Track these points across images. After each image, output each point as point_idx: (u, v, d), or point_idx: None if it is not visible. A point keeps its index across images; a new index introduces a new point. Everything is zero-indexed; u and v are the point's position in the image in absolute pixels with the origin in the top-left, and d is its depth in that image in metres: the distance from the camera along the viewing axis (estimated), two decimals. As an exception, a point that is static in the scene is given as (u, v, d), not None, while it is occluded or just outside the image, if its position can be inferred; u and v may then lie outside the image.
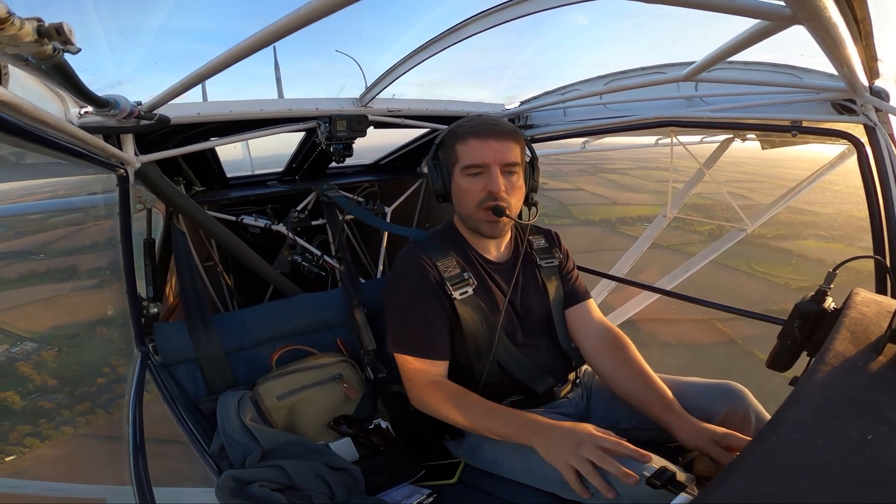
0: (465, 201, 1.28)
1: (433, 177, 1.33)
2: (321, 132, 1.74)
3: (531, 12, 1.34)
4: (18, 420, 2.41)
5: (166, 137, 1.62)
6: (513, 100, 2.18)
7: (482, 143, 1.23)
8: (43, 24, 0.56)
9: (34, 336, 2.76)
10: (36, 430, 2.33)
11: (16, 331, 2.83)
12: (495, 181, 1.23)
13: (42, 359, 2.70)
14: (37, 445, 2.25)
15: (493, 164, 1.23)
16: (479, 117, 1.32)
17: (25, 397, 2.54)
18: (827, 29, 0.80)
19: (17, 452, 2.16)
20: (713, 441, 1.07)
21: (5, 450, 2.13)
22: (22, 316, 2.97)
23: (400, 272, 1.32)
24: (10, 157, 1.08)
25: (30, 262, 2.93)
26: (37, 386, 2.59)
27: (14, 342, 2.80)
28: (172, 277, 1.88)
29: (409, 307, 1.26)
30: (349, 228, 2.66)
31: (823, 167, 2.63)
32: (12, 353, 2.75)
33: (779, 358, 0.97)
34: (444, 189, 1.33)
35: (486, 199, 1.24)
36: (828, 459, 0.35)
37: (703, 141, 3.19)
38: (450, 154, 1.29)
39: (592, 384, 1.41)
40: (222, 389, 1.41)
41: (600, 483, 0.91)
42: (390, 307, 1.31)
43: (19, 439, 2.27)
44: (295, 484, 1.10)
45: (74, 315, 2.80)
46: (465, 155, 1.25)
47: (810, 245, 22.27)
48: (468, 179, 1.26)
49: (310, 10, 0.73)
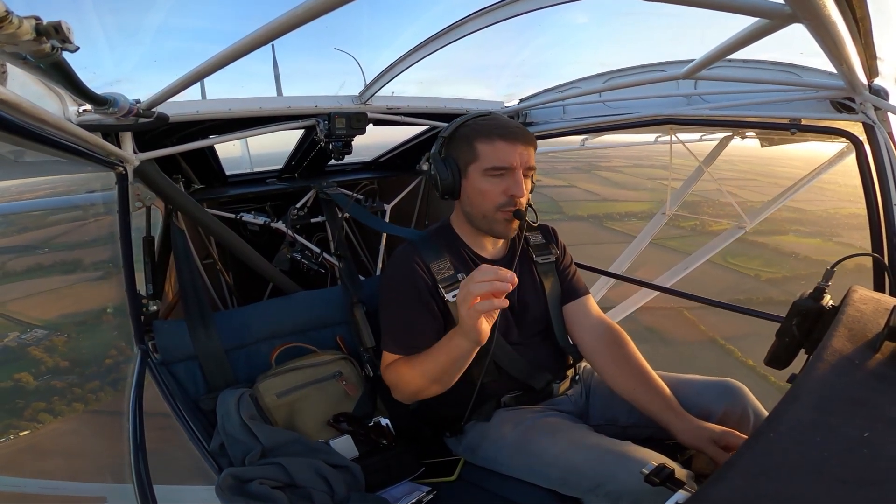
0: (481, 202, 1.24)
1: (442, 172, 1.27)
2: (320, 130, 1.74)
3: (530, 10, 1.33)
4: (18, 418, 2.41)
5: (165, 135, 1.61)
6: (512, 97, 2.18)
7: (510, 145, 1.21)
8: (41, 22, 0.56)
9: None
10: (35, 434, 2.33)
11: (17, 322, 2.83)
12: (520, 186, 1.21)
13: (41, 359, 2.70)
14: (37, 444, 2.25)
15: (518, 168, 1.22)
16: (495, 117, 1.28)
17: (26, 397, 2.54)
18: (826, 27, 0.80)
19: (18, 452, 2.17)
20: (711, 440, 1.08)
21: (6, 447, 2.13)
22: (22, 313, 2.97)
23: (390, 272, 1.33)
24: (9, 156, 1.08)
25: (27, 260, 2.92)
26: (36, 387, 2.59)
27: (23, 331, 2.81)
28: (172, 275, 1.88)
29: (393, 306, 1.28)
30: (348, 226, 2.66)
31: (822, 165, 2.63)
32: (22, 339, 2.75)
33: (777, 355, 0.97)
34: (454, 185, 1.27)
35: (507, 203, 1.22)
36: (825, 457, 0.35)
37: (702, 139, 3.19)
38: (467, 152, 1.24)
39: (591, 381, 1.41)
40: (222, 387, 1.41)
41: (489, 288, 0.94)
42: (380, 305, 1.34)
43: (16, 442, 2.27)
44: (295, 481, 1.11)
45: (73, 314, 2.80)
46: (489, 156, 1.21)
47: (789, 240, 22.80)
48: (489, 180, 1.22)
49: (308, 7, 0.73)
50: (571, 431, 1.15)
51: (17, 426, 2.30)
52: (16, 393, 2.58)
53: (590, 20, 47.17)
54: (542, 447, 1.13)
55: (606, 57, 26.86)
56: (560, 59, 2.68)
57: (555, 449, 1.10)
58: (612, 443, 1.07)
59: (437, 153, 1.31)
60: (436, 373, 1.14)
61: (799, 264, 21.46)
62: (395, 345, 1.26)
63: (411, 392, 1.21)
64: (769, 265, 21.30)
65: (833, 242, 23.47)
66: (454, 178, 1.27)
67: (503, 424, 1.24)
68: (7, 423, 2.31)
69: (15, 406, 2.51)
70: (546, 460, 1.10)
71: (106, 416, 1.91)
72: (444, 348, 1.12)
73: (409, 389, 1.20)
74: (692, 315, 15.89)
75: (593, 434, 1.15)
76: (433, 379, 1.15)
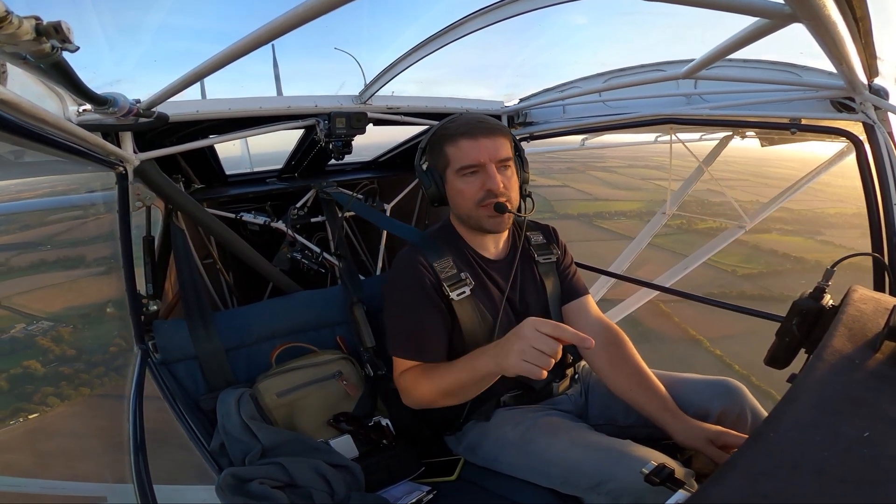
0: (462, 202, 1.26)
1: (425, 182, 1.31)
2: (320, 129, 1.73)
3: (530, 10, 1.33)
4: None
5: (165, 135, 1.61)
6: (512, 97, 2.18)
7: (474, 142, 1.21)
8: (41, 22, 0.56)
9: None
10: (37, 431, 2.33)
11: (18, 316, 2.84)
12: (493, 179, 1.21)
13: (41, 359, 2.71)
14: (38, 442, 2.25)
15: (487, 163, 1.21)
16: (461, 116, 1.29)
17: (28, 398, 2.55)
18: (826, 27, 0.80)
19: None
20: (708, 440, 1.08)
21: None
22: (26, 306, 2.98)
23: (395, 276, 1.32)
24: (9, 156, 1.08)
25: (26, 260, 2.93)
26: (35, 384, 2.59)
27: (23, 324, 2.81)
28: (172, 275, 1.88)
29: (402, 310, 1.26)
30: (348, 225, 2.66)
31: (822, 165, 2.63)
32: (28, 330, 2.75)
33: (777, 355, 0.97)
34: (439, 193, 1.30)
35: (486, 197, 1.22)
36: (825, 457, 0.35)
37: (702, 138, 3.19)
38: (439, 157, 1.26)
39: (590, 381, 1.41)
40: (222, 387, 1.41)
41: (544, 361, 0.88)
42: (386, 310, 1.32)
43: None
44: (295, 481, 1.11)
45: (73, 314, 2.80)
46: (457, 156, 1.23)
47: (771, 238, 23.20)
48: (464, 180, 1.24)
49: (308, 7, 0.73)
50: (571, 431, 1.15)
51: (23, 414, 2.31)
52: (25, 379, 2.58)
53: (590, 20, 46.62)
54: (542, 446, 1.13)
55: (606, 57, 26.72)
56: (560, 59, 2.69)
57: (555, 448, 1.10)
58: (612, 441, 1.07)
59: (419, 164, 1.33)
60: (454, 388, 1.12)
61: (777, 261, 21.83)
62: (408, 351, 1.23)
63: (424, 402, 1.19)
64: (747, 261, 21.58)
65: (815, 241, 23.88)
66: (437, 185, 1.29)
67: (503, 424, 1.24)
68: (13, 410, 2.31)
69: (24, 391, 2.52)
70: (546, 459, 1.10)
71: (106, 416, 1.91)
72: (467, 367, 1.09)
73: (423, 399, 1.18)
74: (668, 308, 16.15)
75: (593, 433, 1.15)
76: (449, 393, 1.13)
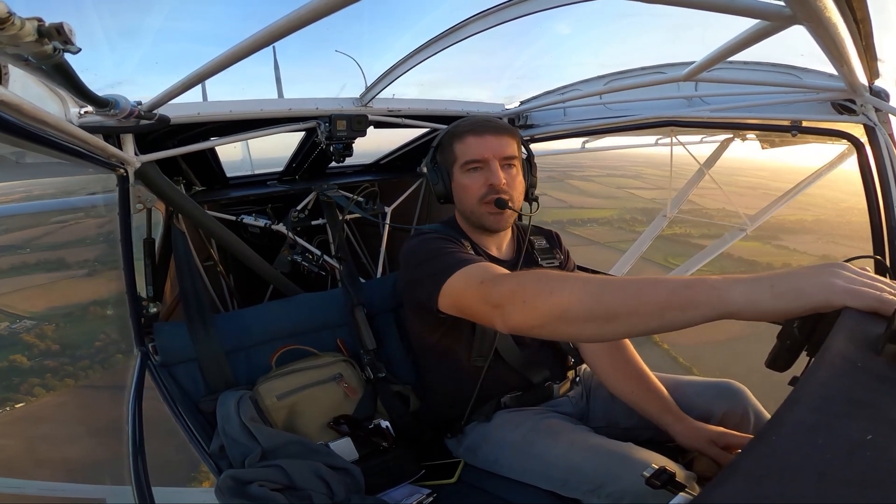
0: (466, 198, 1.29)
1: (433, 179, 1.35)
2: (321, 132, 1.74)
3: (531, 12, 1.34)
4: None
5: (166, 137, 1.62)
6: (512, 100, 2.18)
7: (480, 138, 1.25)
8: (43, 23, 0.56)
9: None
10: (34, 434, 2.33)
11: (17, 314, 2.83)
12: (496, 174, 1.24)
13: (41, 360, 2.70)
14: (37, 448, 2.25)
15: (492, 159, 1.25)
16: (470, 117, 1.35)
17: (25, 398, 2.54)
18: (827, 29, 0.80)
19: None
20: (710, 441, 1.08)
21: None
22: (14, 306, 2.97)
23: (417, 243, 1.20)
24: (10, 157, 1.08)
25: (26, 260, 2.92)
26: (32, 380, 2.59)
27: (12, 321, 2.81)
28: (172, 277, 1.88)
29: (438, 251, 1.11)
30: (349, 228, 2.66)
31: (823, 167, 2.63)
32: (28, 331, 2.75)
33: (778, 358, 0.96)
34: (445, 189, 1.34)
35: (488, 192, 1.25)
36: (828, 459, 0.35)
37: (702, 141, 3.19)
38: (448, 154, 1.31)
39: (592, 383, 1.41)
40: (222, 389, 1.41)
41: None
42: (418, 265, 1.14)
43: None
44: (295, 484, 1.10)
45: (73, 315, 2.80)
46: (463, 152, 1.27)
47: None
48: (468, 175, 1.27)
49: (309, 10, 0.73)
50: (572, 433, 1.15)
51: (22, 414, 2.30)
52: (21, 376, 2.57)
53: (590, 21, 45.92)
54: (542, 449, 1.12)
55: (607, 59, 26.58)
56: (560, 61, 2.68)
57: (556, 450, 1.10)
58: (613, 444, 1.07)
59: (429, 162, 1.37)
60: (624, 308, 0.71)
61: (731, 265, 22.01)
62: (459, 266, 1.01)
63: (545, 314, 0.78)
64: (709, 266, 21.99)
65: (771, 245, 24.47)
66: (444, 182, 1.33)
67: (504, 426, 1.23)
68: (12, 410, 2.30)
69: (11, 383, 2.50)
70: (547, 461, 1.10)
71: (106, 418, 1.90)
72: (671, 286, 0.69)
73: (554, 308, 0.76)
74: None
75: (594, 435, 1.14)
76: (609, 314, 0.72)
